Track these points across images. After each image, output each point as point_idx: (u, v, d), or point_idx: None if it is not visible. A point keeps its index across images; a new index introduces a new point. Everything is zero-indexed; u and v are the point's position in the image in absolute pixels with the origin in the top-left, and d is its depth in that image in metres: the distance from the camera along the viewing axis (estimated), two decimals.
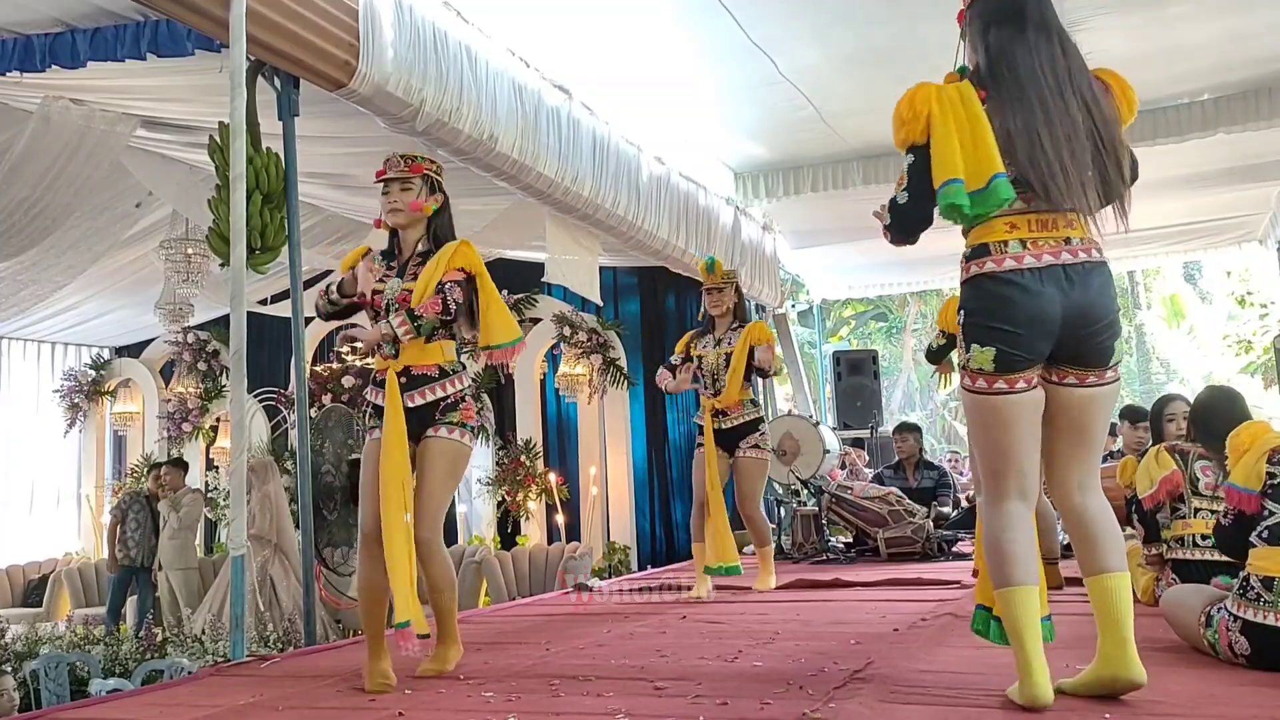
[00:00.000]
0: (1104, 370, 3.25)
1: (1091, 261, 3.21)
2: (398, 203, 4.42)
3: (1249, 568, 3.73)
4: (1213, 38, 8.70)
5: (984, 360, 3.21)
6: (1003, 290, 3.19)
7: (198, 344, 14.22)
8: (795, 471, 9.41)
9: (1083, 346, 3.22)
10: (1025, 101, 3.20)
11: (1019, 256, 3.18)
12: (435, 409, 4.28)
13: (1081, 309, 3.17)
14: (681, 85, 9.20)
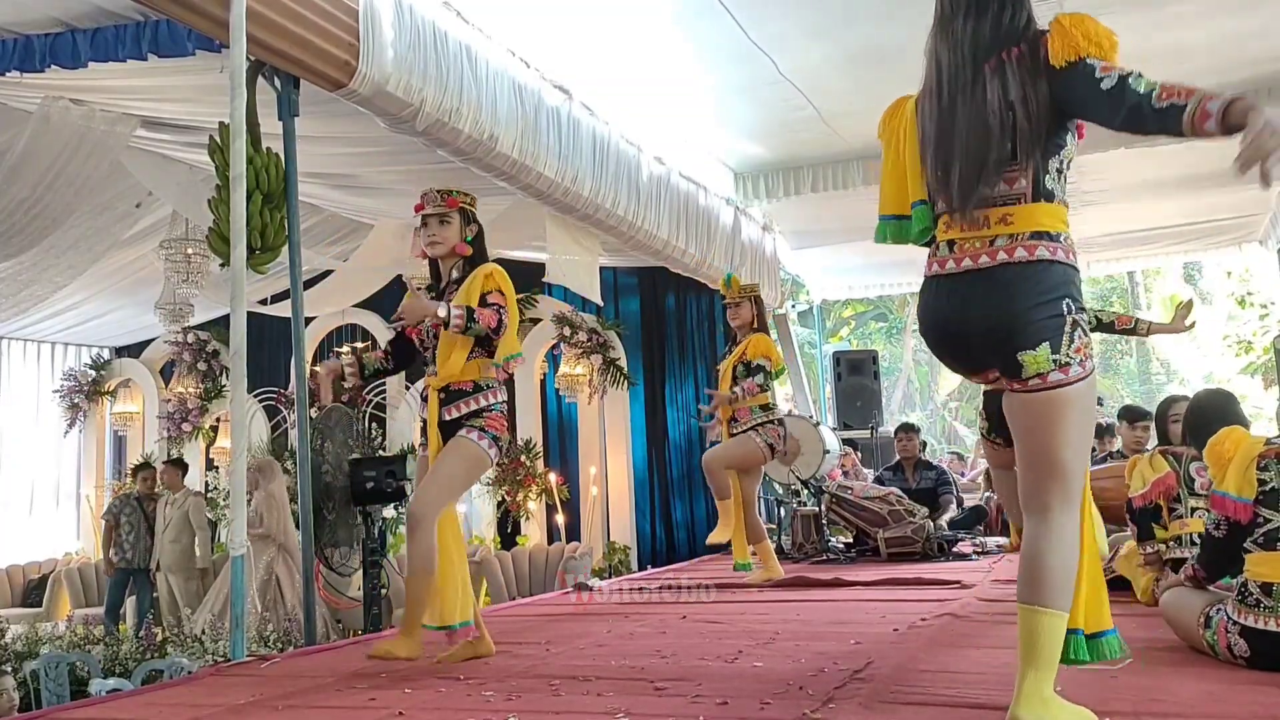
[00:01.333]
0: (1018, 380, 2.95)
1: (1005, 264, 2.95)
2: (437, 237, 4.68)
3: (1246, 573, 3.73)
4: (1213, 38, 8.69)
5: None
6: (926, 294, 3.16)
7: (198, 344, 14.23)
8: (795, 471, 9.41)
9: (981, 355, 3.03)
10: (936, 101, 3.08)
11: (942, 261, 3.08)
12: (464, 418, 4.57)
13: (974, 318, 2.99)
14: (681, 85, 9.20)
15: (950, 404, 30.20)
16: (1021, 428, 3.02)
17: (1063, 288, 2.94)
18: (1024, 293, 2.92)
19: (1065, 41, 2.91)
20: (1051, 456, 2.96)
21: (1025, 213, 2.96)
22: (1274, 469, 3.72)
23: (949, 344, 3.13)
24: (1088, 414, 3.03)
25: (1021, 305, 2.92)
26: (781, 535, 9.71)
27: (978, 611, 5.50)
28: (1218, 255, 16.63)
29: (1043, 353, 2.90)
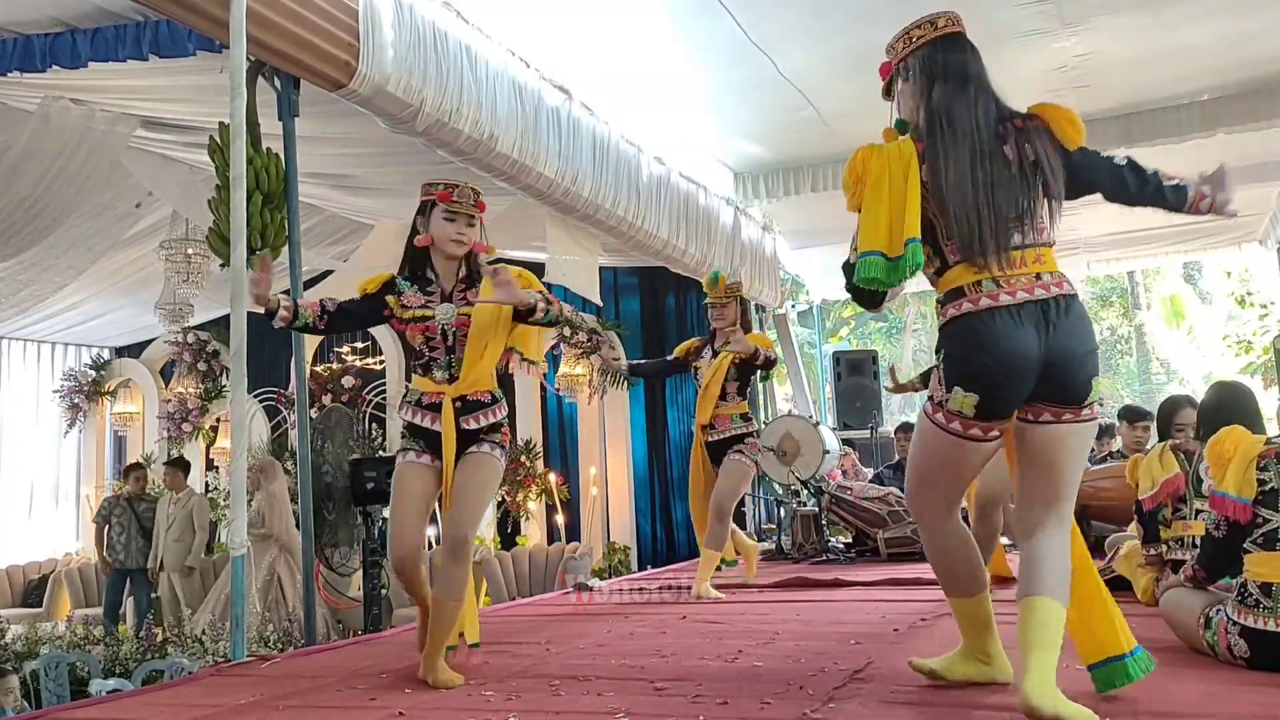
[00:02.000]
0: (1080, 408, 3.20)
1: (1065, 295, 3.20)
2: (464, 237, 4.41)
3: (1246, 574, 3.73)
4: (1212, 38, 8.70)
5: (965, 405, 3.22)
6: (981, 327, 3.18)
7: (198, 344, 14.22)
8: (795, 472, 9.40)
9: (1062, 383, 3.17)
10: (959, 153, 3.25)
11: (994, 294, 3.18)
12: (480, 432, 4.36)
13: (1062, 345, 3.15)
14: (681, 85, 9.20)
15: None
16: (1062, 453, 3.24)
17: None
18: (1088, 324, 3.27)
19: (1074, 130, 3.32)
20: (1071, 482, 3.28)
21: (1049, 255, 3.28)
22: (1274, 469, 3.71)
23: (1041, 368, 3.16)
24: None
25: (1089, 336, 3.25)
26: (781, 535, 9.70)
27: None
28: (1217, 255, 16.62)
29: (1098, 382, 3.25)
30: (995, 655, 3.51)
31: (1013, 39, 8.07)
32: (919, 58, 3.46)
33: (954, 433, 3.26)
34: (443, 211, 4.39)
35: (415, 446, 4.39)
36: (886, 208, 3.22)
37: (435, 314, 4.37)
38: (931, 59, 3.43)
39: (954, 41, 3.44)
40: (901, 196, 3.21)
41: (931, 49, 3.44)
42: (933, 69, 3.41)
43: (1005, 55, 8.30)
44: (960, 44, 3.44)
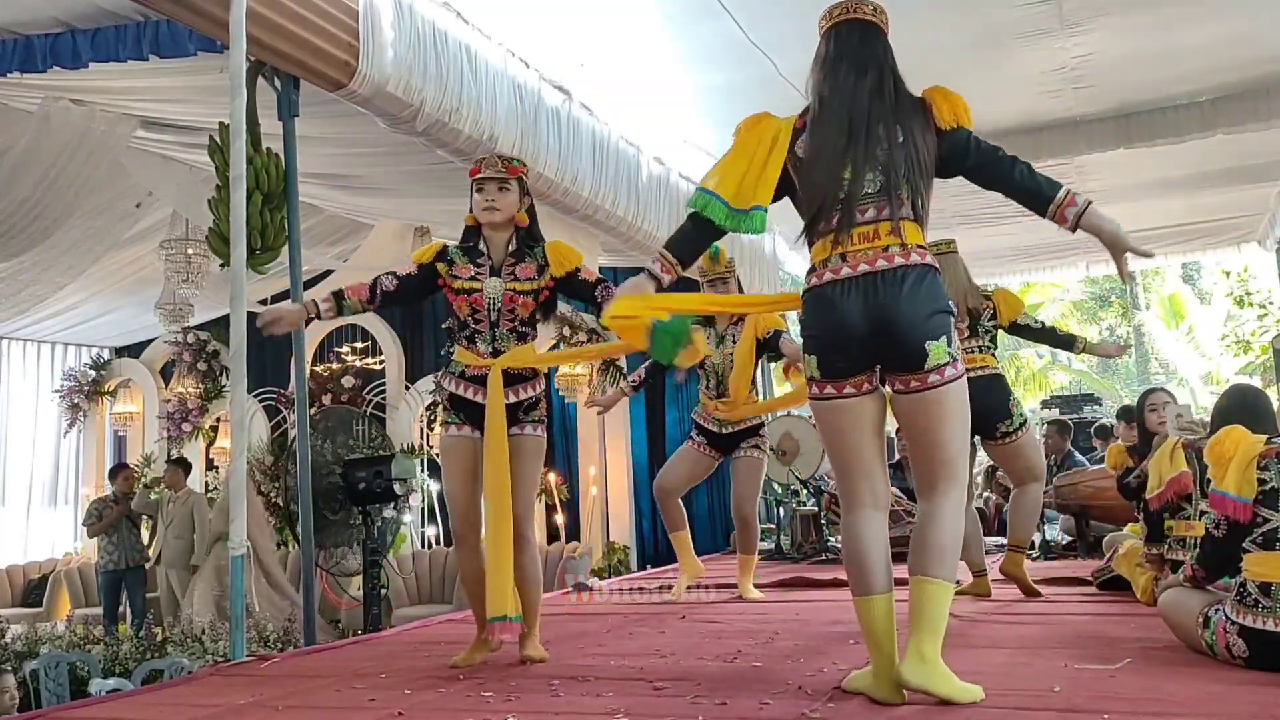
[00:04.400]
0: (922, 373, 3.31)
1: (905, 266, 3.32)
2: (496, 203, 4.48)
3: (1245, 573, 3.73)
4: (1212, 39, 8.69)
5: (812, 367, 3.45)
6: (816, 302, 3.44)
7: (198, 344, 14.22)
8: (795, 471, 9.41)
9: (892, 347, 3.32)
10: (828, 132, 3.44)
11: (836, 269, 3.38)
12: (520, 407, 4.49)
13: (886, 310, 3.29)
14: (681, 85, 9.20)
15: None
16: (920, 421, 3.40)
17: (943, 291, 3.42)
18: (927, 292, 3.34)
19: (951, 109, 3.46)
20: (945, 445, 3.39)
21: (909, 228, 3.39)
22: (1274, 469, 3.71)
23: (867, 336, 3.33)
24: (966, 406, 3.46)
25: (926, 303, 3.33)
26: (781, 535, 9.71)
27: (975, 611, 5.50)
28: (1216, 255, 16.61)
29: (938, 347, 3.32)
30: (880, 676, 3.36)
31: (1013, 39, 8.06)
32: (824, 37, 3.60)
33: (814, 396, 3.49)
34: (475, 185, 4.51)
35: (456, 420, 4.54)
36: (746, 165, 3.48)
37: (484, 287, 4.45)
38: (832, 40, 3.57)
39: (859, 26, 3.55)
40: (762, 163, 3.47)
41: (837, 31, 3.57)
42: (829, 50, 3.56)
43: (1005, 55, 8.31)
44: (863, 29, 3.55)
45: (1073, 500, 8.37)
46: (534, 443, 4.53)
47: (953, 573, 3.32)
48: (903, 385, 3.36)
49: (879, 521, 3.46)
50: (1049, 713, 3.13)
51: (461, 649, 4.61)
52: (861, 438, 3.45)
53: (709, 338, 6.56)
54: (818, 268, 3.44)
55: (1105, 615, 5.23)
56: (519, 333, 4.49)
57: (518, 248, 4.53)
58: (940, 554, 3.29)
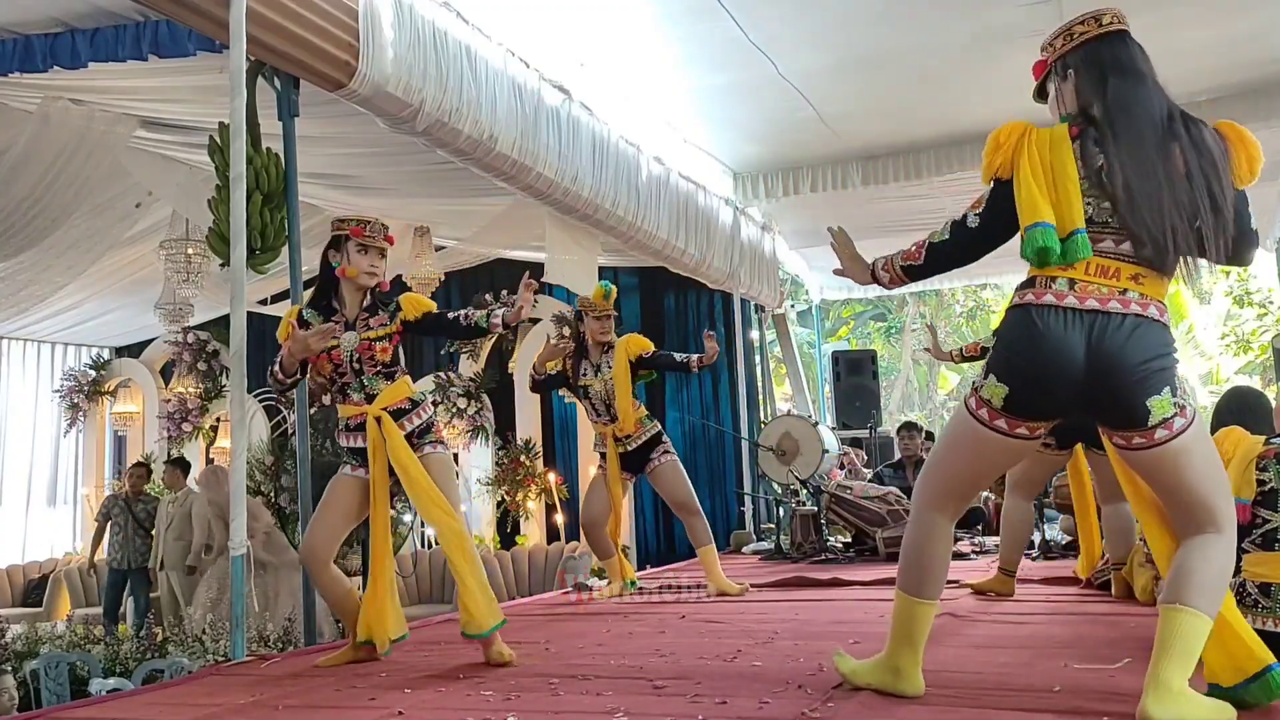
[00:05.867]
0: (1147, 430, 3.06)
1: (1137, 315, 3.06)
2: (377, 269, 4.74)
3: (1244, 574, 3.73)
4: (1213, 39, 8.70)
5: (995, 394, 3.19)
6: (1030, 323, 3.13)
7: (197, 344, 14.23)
8: (794, 471, 9.41)
9: (1112, 398, 3.07)
10: (1143, 149, 3.11)
11: (1060, 294, 3.10)
12: (413, 435, 4.67)
13: (1108, 355, 3.03)
14: (681, 86, 9.20)
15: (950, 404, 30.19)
16: (1159, 478, 3.16)
17: (1173, 345, 3.15)
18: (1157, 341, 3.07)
19: (1252, 165, 3.14)
20: (1198, 498, 3.11)
21: (1151, 280, 3.11)
22: (1273, 469, 3.71)
23: (1083, 380, 3.08)
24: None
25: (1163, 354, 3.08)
26: (780, 535, 9.71)
27: (976, 611, 5.51)
28: None
29: (1162, 403, 3.05)
30: (906, 670, 3.40)
31: (1013, 39, 8.06)
32: (1084, 52, 3.29)
33: (980, 420, 3.23)
34: (356, 245, 4.68)
35: (352, 462, 4.79)
36: (1044, 185, 3.15)
37: (341, 342, 4.67)
38: (1099, 53, 3.26)
39: (1121, 38, 3.28)
40: (1054, 179, 3.15)
41: (1099, 44, 3.27)
42: (1104, 62, 3.24)
43: (1005, 55, 8.31)
44: (1127, 41, 3.27)
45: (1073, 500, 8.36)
46: (438, 458, 4.70)
47: (1214, 608, 3.01)
48: (1124, 441, 3.14)
49: (950, 533, 3.44)
50: (1049, 713, 3.13)
51: (460, 649, 4.62)
52: (992, 473, 3.42)
53: (587, 370, 7.02)
54: (1038, 285, 3.16)
55: (1105, 615, 5.23)
56: (385, 374, 4.69)
57: (371, 303, 4.75)
58: (1202, 585, 3.00)
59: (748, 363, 12.70)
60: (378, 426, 4.59)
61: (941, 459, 3.42)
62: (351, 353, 4.65)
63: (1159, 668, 2.94)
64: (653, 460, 7.01)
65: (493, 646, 4.49)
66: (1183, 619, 2.97)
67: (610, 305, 7.02)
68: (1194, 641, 2.97)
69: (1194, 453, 3.09)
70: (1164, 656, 2.95)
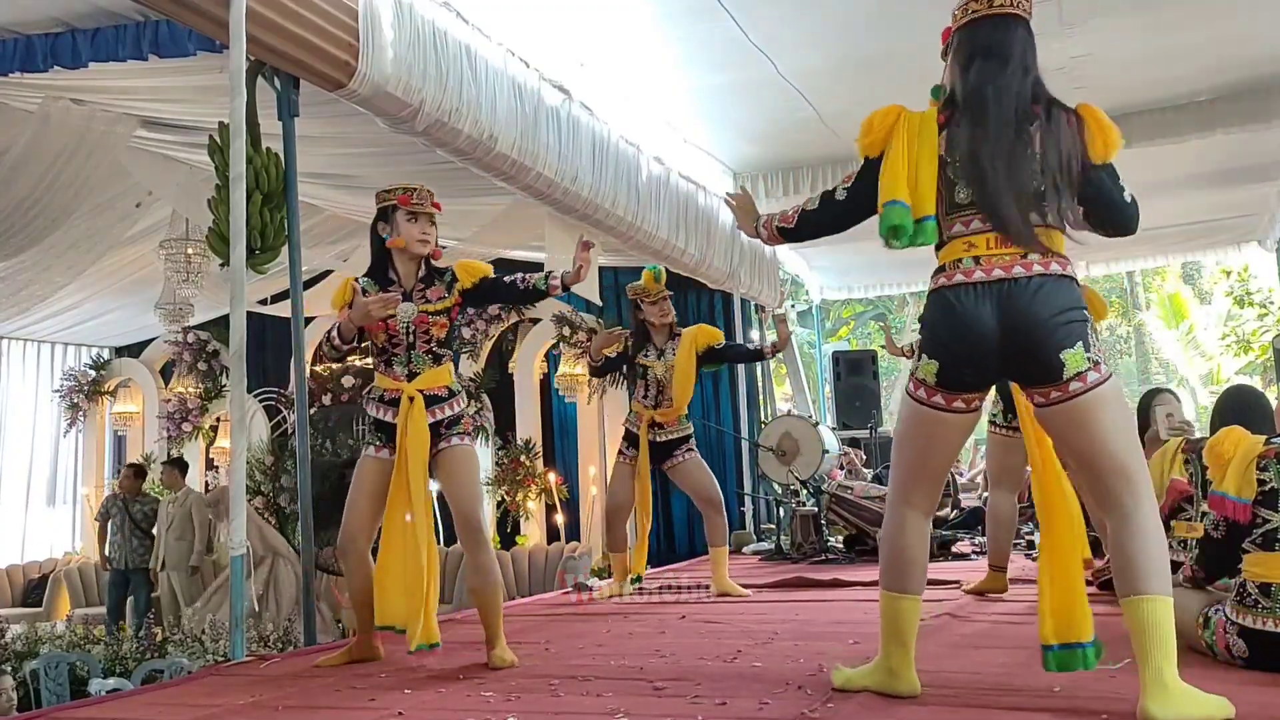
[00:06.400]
0: (1062, 384, 3.15)
1: (1042, 275, 3.20)
2: (429, 235, 4.66)
3: (1245, 574, 3.73)
4: (1212, 39, 8.70)
5: (928, 371, 3.31)
6: (946, 304, 3.28)
7: (197, 344, 14.24)
8: (794, 471, 9.41)
9: (1026, 356, 3.18)
10: (986, 130, 3.27)
11: (969, 272, 3.25)
12: (441, 424, 4.58)
13: (1017, 316, 3.16)
14: (681, 85, 9.20)
15: None
16: (1070, 434, 3.23)
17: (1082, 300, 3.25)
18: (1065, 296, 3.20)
19: (1106, 142, 3.34)
20: (1107, 453, 3.17)
21: (1050, 236, 3.26)
22: (1273, 469, 3.71)
23: (999, 345, 3.20)
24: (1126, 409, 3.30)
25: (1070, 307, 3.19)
26: (780, 535, 9.71)
27: (976, 612, 5.51)
28: (1217, 254, 16.63)
29: (1074, 356, 3.14)
30: (899, 670, 3.42)
31: None
32: (965, 32, 3.44)
33: (919, 400, 3.36)
34: (405, 214, 4.61)
35: (377, 441, 4.66)
36: (904, 167, 3.29)
37: (398, 313, 4.55)
38: (976, 35, 3.41)
39: (1004, 21, 3.39)
40: (916, 165, 3.30)
41: (979, 25, 3.41)
42: (974, 45, 3.40)
43: None
44: (1008, 24, 3.39)
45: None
46: (462, 450, 4.60)
47: (1167, 585, 3.07)
48: (1042, 398, 3.22)
49: (925, 525, 3.50)
50: (1048, 713, 3.13)
51: (460, 649, 4.62)
52: (945, 451, 3.45)
53: (649, 352, 7.00)
54: (948, 268, 3.32)
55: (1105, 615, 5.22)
56: (434, 354, 4.62)
57: (426, 273, 4.69)
58: (1148, 567, 3.06)
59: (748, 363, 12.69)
60: (415, 402, 4.52)
61: (898, 451, 3.54)
62: (407, 324, 4.56)
63: (1148, 665, 3.00)
64: (676, 456, 7.00)
65: (495, 650, 4.46)
66: (1146, 607, 3.05)
67: (663, 287, 7.07)
68: (1166, 626, 3.04)
69: (1108, 409, 3.18)
70: (1147, 652, 3.02)
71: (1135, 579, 3.07)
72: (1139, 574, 3.07)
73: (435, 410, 4.55)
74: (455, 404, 4.63)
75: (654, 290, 7.04)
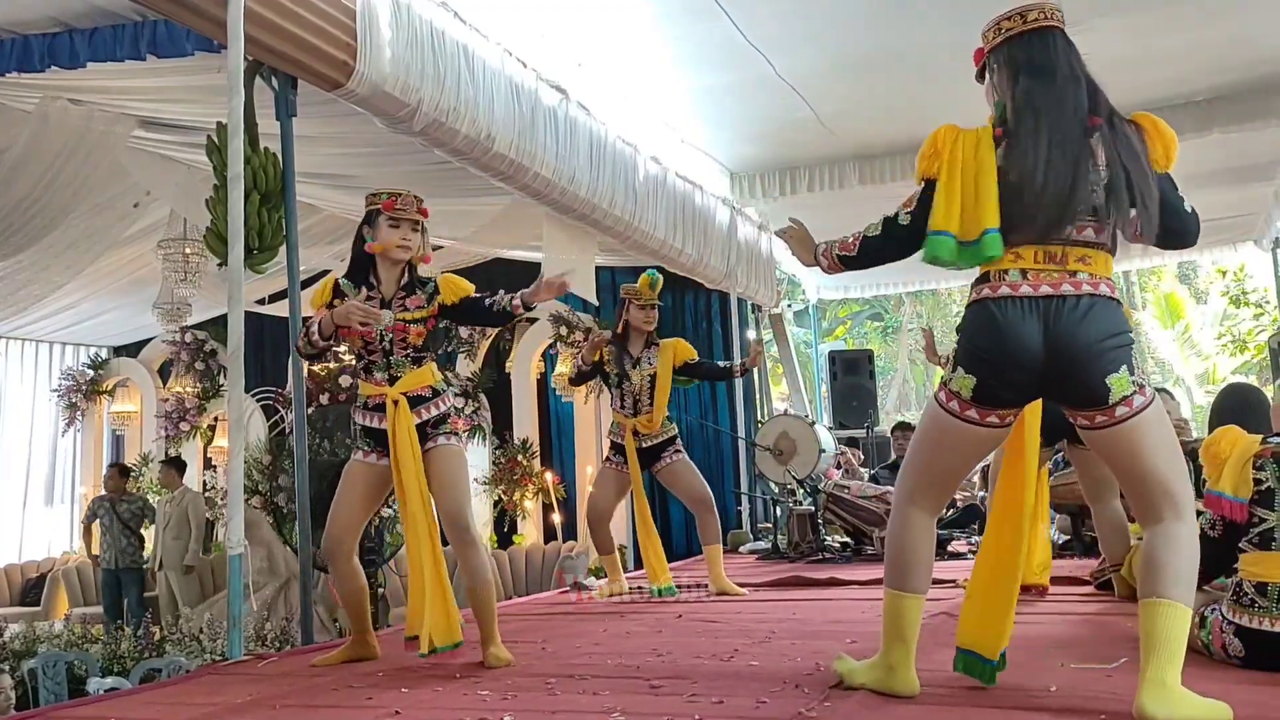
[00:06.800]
0: (1109, 409, 3.14)
1: (1091, 295, 3.18)
2: (409, 242, 4.63)
3: (1241, 573, 3.74)
4: (1209, 39, 8.71)
5: (964, 386, 3.29)
6: (989, 317, 3.25)
7: (195, 343, 14.22)
8: (791, 471, 9.42)
9: (1071, 380, 3.17)
10: (1040, 142, 3.22)
11: (1015, 285, 3.22)
12: (428, 424, 4.57)
13: (1063, 337, 3.14)
14: (678, 85, 9.21)
15: None
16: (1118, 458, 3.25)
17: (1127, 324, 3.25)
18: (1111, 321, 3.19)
19: (1168, 152, 3.39)
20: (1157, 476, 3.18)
21: (1098, 258, 3.25)
22: (1270, 469, 3.72)
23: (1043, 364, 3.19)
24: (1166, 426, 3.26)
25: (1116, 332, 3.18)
26: (777, 535, 9.72)
27: None
28: (1213, 254, 16.65)
29: (1120, 380, 3.14)
30: (899, 668, 3.45)
31: None
32: (1005, 50, 3.43)
33: (951, 411, 3.33)
34: (387, 219, 4.60)
35: (365, 446, 4.66)
36: (960, 191, 3.27)
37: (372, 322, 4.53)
38: (1016, 51, 3.40)
39: (1042, 35, 3.39)
40: (974, 182, 3.26)
41: (1017, 41, 3.41)
42: (1018, 61, 3.39)
43: None
44: (1047, 38, 3.38)
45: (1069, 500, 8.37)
46: (449, 450, 4.58)
47: (1191, 596, 3.10)
48: (1087, 420, 3.22)
49: (930, 525, 3.52)
50: (1045, 713, 3.14)
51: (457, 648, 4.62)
52: (967, 463, 3.47)
53: (625, 361, 7.03)
54: (992, 278, 3.29)
55: (1102, 615, 5.24)
56: (414, 358, 4.60)
57: (408, 281, 4.67)
58: (1177, 575, 3.08)
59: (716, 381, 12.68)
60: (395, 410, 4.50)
61: (917, 454, 3.50)
62: (383, 332, 4.54)
63: (1151, 665, 3.00)
64: (664, 459, 7.01)
65: (490, 648, 4.46)
66: (1164, 612, 3.04)
67: (655, 295, 7.11)
68: (1179, 633, 3.04)
69: (1153, 431, 3.17)
70: (1154, 653, 3.01)
71: (1160, 582, 3.08)
72: (1166, 579, 3.08)
73: (420, 410, 4.54)
74: (440, 403, 4.60)
75: (647, 296, 7.07)
